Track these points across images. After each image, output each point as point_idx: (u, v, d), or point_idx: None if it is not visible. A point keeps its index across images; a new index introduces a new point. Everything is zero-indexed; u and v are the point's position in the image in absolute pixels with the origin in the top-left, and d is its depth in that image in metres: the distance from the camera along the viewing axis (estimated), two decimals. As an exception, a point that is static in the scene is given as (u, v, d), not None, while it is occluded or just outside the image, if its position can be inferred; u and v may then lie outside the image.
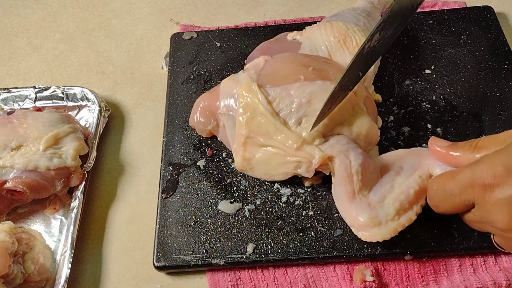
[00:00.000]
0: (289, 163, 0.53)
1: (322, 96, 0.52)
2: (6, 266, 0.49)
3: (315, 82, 0.54)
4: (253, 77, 0.56)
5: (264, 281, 0.53)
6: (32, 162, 0.56)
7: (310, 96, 0.53)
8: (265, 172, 0.55)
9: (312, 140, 0.53)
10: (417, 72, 0.65)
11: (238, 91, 0.55)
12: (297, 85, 0.54)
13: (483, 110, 0.61)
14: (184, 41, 0.72)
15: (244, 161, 0.55)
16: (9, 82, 0.74)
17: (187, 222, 0.55)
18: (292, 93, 0.54)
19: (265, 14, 0.78)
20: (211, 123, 0.59)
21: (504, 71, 0.64)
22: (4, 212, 0.58)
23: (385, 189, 0.50)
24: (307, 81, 0.54)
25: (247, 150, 0.55)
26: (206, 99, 0.60)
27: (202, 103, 0.60)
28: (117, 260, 0.56)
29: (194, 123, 0.61)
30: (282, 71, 0.56)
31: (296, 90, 0.53)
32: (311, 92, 0.53)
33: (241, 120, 0.54)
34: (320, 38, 0.61)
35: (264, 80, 0.55)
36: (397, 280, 0.52)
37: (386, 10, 0.52)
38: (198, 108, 0.60)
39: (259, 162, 0.55)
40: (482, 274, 0.51)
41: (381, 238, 0.49)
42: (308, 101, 0.53)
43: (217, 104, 0.57)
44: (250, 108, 0.54)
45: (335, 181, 0.52)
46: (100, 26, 0.80)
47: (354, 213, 0.49)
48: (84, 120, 0.66)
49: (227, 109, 0.56)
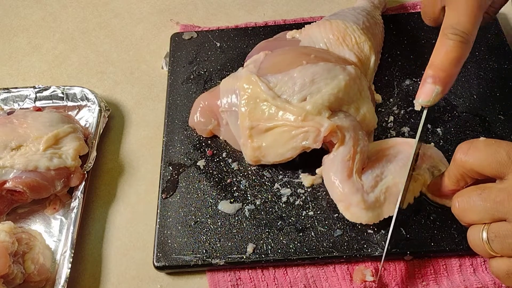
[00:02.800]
0: (296, 136, 0.52)
1: (325, 75, 0.52)
2: (6, 266, 0.49)
3: (318, 64, 0.54)
4: (252, 71, 0.56)
5: (264, 281, 0.53)
6: (32, 162, 0.56)
7: (313, 75, 0.53)
8: (275, 153, 0.54)
9: (317, 113, 0.52)
10: (417, 72, 0.65)
11: (238, 85, 0.55)
12: (299, 68, 0.54)
13: (483, 110, 0.61)
14: (184, 41, 0.72)
15: (255, 151, 0.55)
16: (9, 82, 0.74)
17: (187, 222, 0.55)
18: (294, 75, 0.53)
19: (265, 14, 0.78)
20: (211, 122, 0.59)
21: (504, 71, 0.64)
22: (4, 212, 0.58)
23: (377, 175, 0.51)
24: (310, 64, 0.54)
25: (254, 140, 0.54)
26: (206, 99, 0.60)
27: (201, 103, 0.60)
28: (117, 260, 0.56)
29: (194, 123, 0.61)
30: (284, 61, 0.56)
31: (299, 72, 0.53)
32: (313, 72, 0.53)
33: (244, 113, 0.54)
34: (319, 36, 0.61)
35: (264, 71, 0.56)
36: (397, 280, 0.52)
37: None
38: (198, 108, 0.60)
39: (268, 146, 0.54)
40: (482, 274, 0.51)
41: (366, 222, 0.50)
42: (311, 81, 0.53)
43: (217, 103, 0.57)
44: (252, 98, 0.54)
45: (338, 154, 0.51)
46: (100, 26, 0.80)
47: (347, 190, 0.50)
48: (84, 120, 0.66)
49: (229, 106, 0.56)
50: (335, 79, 0.53)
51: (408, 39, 0.68)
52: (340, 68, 0.54)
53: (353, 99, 0.54)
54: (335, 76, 0.54)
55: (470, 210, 0.45)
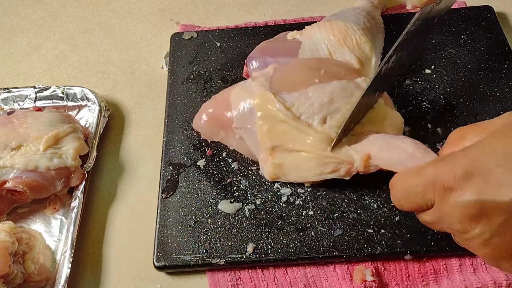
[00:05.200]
0: (326, 165, 0.53)
1: (342, 94, 0.53)
2: (6, 266, 0.49)
3: (331, 82, 0.54)
4: (265, 86, 0.55)
5: (264, 281, 0.53)
6: (32, 162, 0.56)
7: (331, 95, 0.53)
8: (298, 175, 0.54)
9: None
10: (417, 72, 0.65)
11: (253, 103, 0.54)
12: (313, 87, 0.54)
13: (483, 110, 0.61)
14: (184, 41, 0.72)
15: (276, 169, 0.55)
16: (9, 82, 0.74)
17: (187, 222, 0.55)
18: (310, 95, 0.54)
19: (265, 14, 0.78)
20: (219, 134, 0.59)
21: (504, 71, 0.64)
22: (4, 212, 0.58)
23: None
24: (323, 83, 0.54)
25: (276, 157, 0.54)
26: (213, 107, 0.59)
27: (209, 110, 0.59)
28: (117, 260, 0.56)
29: (199, 127, 0.60)
30: (295, 77, 0.56)
31: (315, 92, 0.53)
32: (331, 91, 0.53)
33: (263, 132, 0.54)
34: (320, 37, 0.61)
35: (278, 88, 0.55)
36: (397, 280, 0.52)
37: (403, 32, 0.52)
38: (204, 115, 0.59)
39: (291, 167, 0.54)
40: (482, 274, 0.51)
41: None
42: (330, 100, 0.53)
43: (227, 116, 0.57)
44: (269, 118, 0.53)
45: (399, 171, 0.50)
46: (100, 26, 0.80)
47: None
48: (84, 120, 0.66)
49: (243, 123, 0.56)
50: (352, 97, 0.53)
51: (408, 39, 0.68)
52: (354, 86, 0.55)
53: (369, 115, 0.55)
54: (352, 94, 0.54)
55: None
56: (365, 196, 0.55)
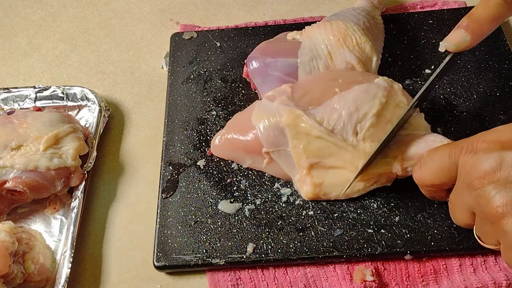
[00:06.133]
0: (368, 180, 0.53)
1: (365, 97, 0.53)
2: (6, 266, 0.49)
3: (352, 88, 0.54)
4: (289, 104, 0.55)
5: (264, 281, 0.53)
6: (32, 162, 0.56)
7: (356, 101, 0.53)
8: (339, 192, 0.54)
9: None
10: (417, 72, 0.65)
11: (282, 123, 0.54)
12: (336, 97, 0.54)
13: (483, 110, 0.61)
14: (184, 41, 0.72)
15: (316, 188, 0.54)
16: (9, 82, 0.74)
17: (187, 222, 0.55)
18: (336, 106, 0.53)
19: (265, 14, 0.78)
20: (246, 161, 0.58)
21: (504, 71, 0.64)
22: (4, 212, 0.58)
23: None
24: (344, 91, 0.54)
25: (314, 176, 0.54)
26: (233, 133, 0.58)
27: (228, 136, 0.58)
28: (117, 260, 0.56)
29: (220, 155, 0.59)
30: (316, 91, 0.56)
31: (339, 102, 0.53)
32: (354, 98, 0.53)
33: (299, 151, 0.53)
34: (320, 37, 0.61)
35: (303, 104, 0.55)
36: (397, 280, 0.52)
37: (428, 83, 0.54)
38: (224, 143, 0.58)
39: (332, 185, 0.54)
40: (482, 274, 0.51)
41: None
42: (356, 108, 0.53)
43: (253, 141, 0.56)
44: (303, 135, 0.53)
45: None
46: (100, 26, 0.80)
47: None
48: (84, 120, 0.66)
49: (274, 145, 0.55)
50: (376, 98, 0.54)
51: (408, 39, 0.69)
52: (375, 86, 0.55)
53: (391, 115, 0.55)
54: (375, 95, 0.54)
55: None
56: (365, 196, 0.55)
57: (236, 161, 0.59)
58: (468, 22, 0.52)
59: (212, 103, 0.65)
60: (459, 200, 0.44)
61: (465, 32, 0.51)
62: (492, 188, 0.39)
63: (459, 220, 0.46)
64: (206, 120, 0.64)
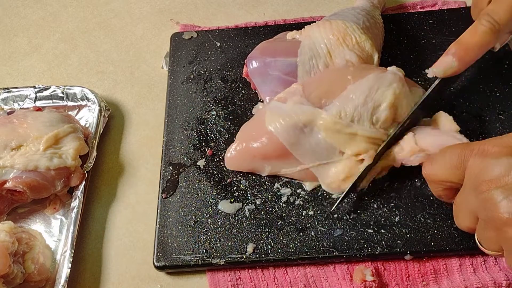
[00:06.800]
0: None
1: (381, 82, 0.54)
2: (6, 266, 0.49)
3: (367, 76, 0.55)
4: (303, 102, 0.55)
5: (264, 281, 0.53)
6: (32, 162, 0.56)
7: (370, 89, 0.54)
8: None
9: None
10: (417, 72, 0.65)
11: (319, 125, 0.54)
12: (350, 87, 0.55)
13: (483, 110, 0.61)
14: (184, 40, 0.72)
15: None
16: (9, 82, 0.74)
17: (187, 222, 0.55)
18: (351, 96, 0.54)
19: (265, 14, 0.78)
20: (265, 168, 0.57)
21: (504, 71, 0.64)
22: (4, 212, 0.58)
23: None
24: (357, 80, 0.55)
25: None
26: (246, 141, 0.57)
27: (243, 146, 0.57)
28: (117, 260, 0.56)
29: (236, 167, 0.59)
30: (329, 85, 0.56)
31: (355, 91, 0.54)
32: (369, 86, 0.54)
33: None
34: (320, 37, 0.61)
35: (316, 100, 0.55)
36: (397, 280, 0.52)
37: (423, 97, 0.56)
38: (239, 152, 0.58)
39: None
40: (482, 274, 0.51)
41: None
42: (369, 93, 0.54)
43: (271, 147, 0.55)
44: (333, 132, 0.54)
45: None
46: (100, 26, 0.80)
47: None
48: (84, 120, 0.66)
49: (296, 144, 0.55)
50: (393, 84, 0.55)
51: (408, 39, 0.68)
52: (390, 74, 0.56)
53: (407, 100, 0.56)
54: (391, 83, 0.55)
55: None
56: (365, 196, 0.55)
57: (254, 171, 0.58)
58: (456, 48, 0.54)
59: (212, 103, 0.65)
60: (465, 202, 0.45)
61: (452, 58, 0.53)
62: (500, 192, 0.39)
63: (462, 223, 0.46)
64: (206, 120, 0.64)
